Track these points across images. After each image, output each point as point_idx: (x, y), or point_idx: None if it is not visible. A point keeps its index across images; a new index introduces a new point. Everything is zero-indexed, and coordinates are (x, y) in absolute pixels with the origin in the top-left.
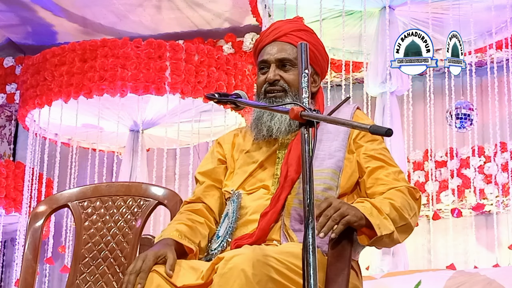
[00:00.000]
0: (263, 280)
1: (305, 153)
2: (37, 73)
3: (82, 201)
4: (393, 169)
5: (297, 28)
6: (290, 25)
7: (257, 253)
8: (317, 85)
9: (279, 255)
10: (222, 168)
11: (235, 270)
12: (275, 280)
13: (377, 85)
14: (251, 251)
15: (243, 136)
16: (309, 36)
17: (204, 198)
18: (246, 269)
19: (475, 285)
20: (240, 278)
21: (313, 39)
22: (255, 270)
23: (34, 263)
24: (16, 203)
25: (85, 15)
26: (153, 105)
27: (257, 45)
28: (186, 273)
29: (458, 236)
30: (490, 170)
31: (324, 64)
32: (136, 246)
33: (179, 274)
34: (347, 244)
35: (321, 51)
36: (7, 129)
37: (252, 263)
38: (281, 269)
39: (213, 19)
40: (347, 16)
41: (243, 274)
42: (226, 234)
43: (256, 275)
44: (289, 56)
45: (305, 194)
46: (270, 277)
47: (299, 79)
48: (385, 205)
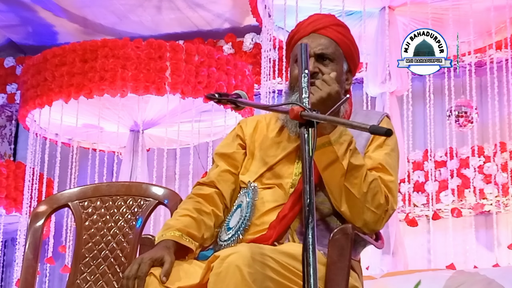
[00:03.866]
0: (259, 278)
1: (305, 153)
2: (38, 73)
3: (82, 201)
4: (387, 176)
5: (336, 23)
6: (329, 18)
7: (254, 251)
8: (350, 83)
9: (276, 254)
10: (241, 154)
11: (230, 268)
12: (272, 279)
13: (376, 85)
14: (247, 249)
15: (267, 124)
16: (346, 32)
17: (218, 183)
18: (241, 267)
19: (475, 285)
20: (235, 277)
21: (349, 35)
22: (251, 269)
23: (35, 263)
24: (17, 203)
25: (85, 15)
26: (153, 105)
27: (292, 36)
28: (183, 276)
29: (458, 236)
30: (490, 170)
31: (357, 61)
32: (136, 246)
33: (176, 277)
34: (347, 244)
35: (355, 48)
36: (7, 129)
37: (248, 262)
38: (278, 268)
39: (213, 19)
40: (347, 16)
41: (238, 273)
42: (239, 230)
43: (251, 273)
44: (327, 51)
45: (305, 194)
46: (266, 275)
47: (299, 80)
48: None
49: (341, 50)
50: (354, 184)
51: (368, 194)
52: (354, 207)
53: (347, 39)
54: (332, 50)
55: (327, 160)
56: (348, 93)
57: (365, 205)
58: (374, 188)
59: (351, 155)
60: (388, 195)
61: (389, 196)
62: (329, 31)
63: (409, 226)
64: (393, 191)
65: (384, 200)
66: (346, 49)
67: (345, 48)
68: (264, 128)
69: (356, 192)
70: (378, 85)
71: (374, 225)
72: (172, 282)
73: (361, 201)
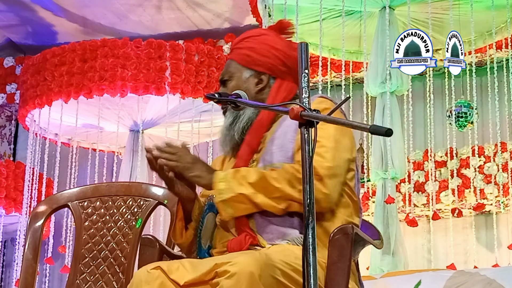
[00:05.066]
0: (269, 282)
1: (305, 153)
2: (37, 73)
3: (82, 201)
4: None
5: (240, 39)
6: (237, 40)
7: (262, 255)
8: (264, 82)
9: (283, 256)
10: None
11: (243, 272)
12: (280, 283)
13: (377, 85)
14: (256, 254)
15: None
16: (250, 41)
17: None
18: (253, 271)
19: (475, 285)
20: (248, 280)
21: (248, 42)
22: (263, 272)
23: (34, 263)
24: (16, 203)
25: (85, 15)
26: (153, 105)
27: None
28: (188, 271)
29: (458, 236)
30: (490, 170)
31: (269, 59)
32: (136, 246)
33: (181, 272)
34: (347, 244)
35: (260, 50)
36: (7, 129)
37: (259, 265)
38: (286, 270)
39: (213, 19)
40: (347, 16)
41: (251, 276)
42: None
43: (263, 276)
44: (224, 73)
45: (305, 194)
46: (277, 279)
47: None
48: (254, 174)
49: (238, 64)
50: (270, 191)
51: (285, 184)
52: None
53: (248, 48)
54: (228, 71)
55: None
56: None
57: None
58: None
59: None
60: (315, 160)
61: (316, 159)
62: (231, 54)
63: (409, 226)
64: (320, 153)
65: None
66: (245, 59)
67: (243, 59)
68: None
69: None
70: (378, 85)
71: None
72: (177, 277)
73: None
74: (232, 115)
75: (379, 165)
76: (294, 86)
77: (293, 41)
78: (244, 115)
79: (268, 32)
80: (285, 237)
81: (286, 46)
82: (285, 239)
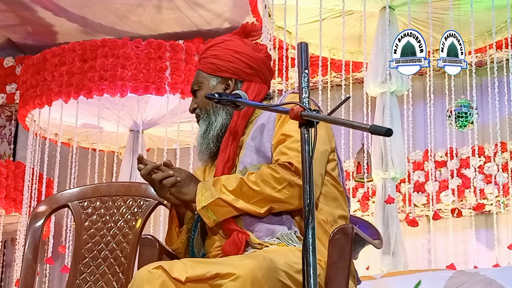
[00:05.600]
0: (273, 286)
1: (305, 153)
2: (37, 73)
3: (82, 201)
4: (289, 140)
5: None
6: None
7: (266, 258)
8: (231, 86)
9: (285, 258)
10: None
11: (248, 276)
12: (285, 285)
13: (377, 85)
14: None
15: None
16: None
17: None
18: (258, 273)
19: (475, 285)
20: (252, 284)
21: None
22: (267, 276)
23: (34, 263)
24: (16, 203)
25: (85, 15)
26: (153, 105)
27: None
28: (189, 267)
29: (458, 236)
30: (490, 170)
31: (233, 64)
32: (136, 246)
33: (182, 270)
34: (347, 244)
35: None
36: (7, 129)
37: (264, 269)
38: (290, 272)
39: (213, 19)
40: (347, 16)
41: (255, 279)
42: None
43: (268, 279)
44: (193, 84)
45: (305, 194)
46: (281, 281)
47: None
48: (233, 181)
49: (205, 73)
50: (250, 196)
51: (263, 186)
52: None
53: (212, 56)
54: (197, 81)
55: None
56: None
57: (271, 195)
58: (265, 175)
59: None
60: (291, 156)
61: (293, 155)
62: (199, 65)
63: (409, 226)
64: (297, 148)
65: (281, 171)
66: (210, 67)
67: (208, 67)
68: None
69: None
70: (378, 85)
71: (296, 191)
72: (178, 274)
73: (266, 196)
74: (205, 124)
75: (379, 165)
76: (263, 87)
77: (258, 42)
78: (217, 122)
79: (231, 37)
80: (274, 234)
81: (249, 49)
82: (274, 236)
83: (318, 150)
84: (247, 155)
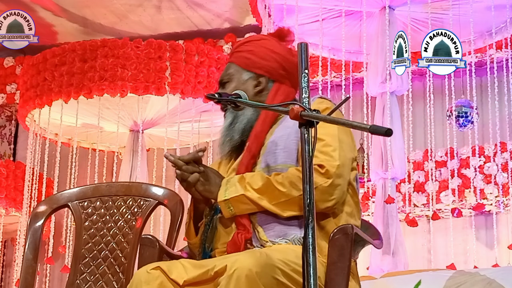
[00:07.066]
0: (269, 282)
1: (305, 153)
2: (37, 73)
3: (82, 201)
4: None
5: (241, 43)
6: (237, 44)
7: (262, 255)
8: (262, 85)
9: (283, 256)
10: None
11: (243, 272)
12: (280, 283)
13: (377, 85)
14: (257, 253)
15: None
16: (250, 45)
17: None
18: (253, 269)
19: (475, 285)
20: (248, 280)
21: (248, 46)
22: (262, 271)
23: (35, 263)
24: (16, 203)
25: (85, 15)
26: (153, 105)
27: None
28: (188, 270)
29: (458, 236)
30: (490, 170)
31: (269, 62)
32: (136, 246)
33: (181, 271)
34: (347, 244)
35: (260, 53)
36: (7, 129)
37: (259, 265)
38: (287, 270)
39: (213, 19)
40: (347, 16)
41: (250, 275)
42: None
43: (263, 276)
44: (223, 75)
45: (305, 194)
46: (276, 279)
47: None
48: (258, 179)
49: (238, 66)
50: (275, 196)
51: (290, 188)
52: (294, 207)
53: (248, 52)
54: (228, 73)
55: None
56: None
57: (297, 196)
58: (292, 177)
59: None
60: (322, 159)
61: (324, 158)
62: (231, 58)
63: (409, 226)
64: (327, 152)
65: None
66: (245, 62)
67: (242, 62)
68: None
69: (284, 198)
70: (378, 85)
71: (326, 195)
72: (177, 276)
73: (292, 198)
74: (231, 116)
75: (379, 165)
76: (292, 91)
77: (293, 47)
78: (244, 116)
79: (268, 37)
80: (286, 237)
81: (285, 51)
82: (285, 239)
83: (347, 157)
84: (270, 154)
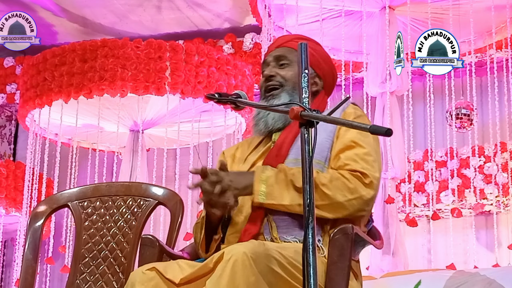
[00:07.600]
0: (264, 270)
1: (305, 153)
2: (37, 73)
3: (82, 201)
4: (361, 150)
5: (297, 37)
6: (291, 36)
7: (260, 244)
8: (317, 87)
9: (281, 249)
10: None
11: (238, 257)
12: (275, 273)
13: (377, 85)
14: (254, 243)
15: (248, 143)
16: (309, 42)
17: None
18: (249, 255)
19: (475, 285)
20: (244, 265)
21: (313, 44)
22: (258, 259)
23: (34, 263)
24: (16, 203)
25: (85, 15)
26: (153, 105)
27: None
28: (184, 269)
29: (458, 236)
30: (490, 170)
31: (326, 68)
32: (136, 246)
33: (177, 271)
34: (347, 244)
35: (322, 56)
36: (7, 129)
37: (255, 252)
38: (283, 262)
39: (213, 19)
40: (347, 16)
41: (246, 261)
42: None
43: (258, 264)
44: (285, 53)
45: (305, 194)
46: (271, 268)
47: (298, 79)
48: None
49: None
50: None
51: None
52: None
53: (312, 49)
54: (288, 57)
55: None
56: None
57: (341, 202)
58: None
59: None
60: (364, 167)
61: (367, 167)
62: (289, 43)
63: (409, 226)
64: (369, 162)
65: (354, 181)
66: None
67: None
68: (246, 147)
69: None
70: (378, 85)
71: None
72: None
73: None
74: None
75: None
76: (326, 100)
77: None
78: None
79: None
80: (297, 237)
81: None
82: (296, 238)
83: (381, 169)
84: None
